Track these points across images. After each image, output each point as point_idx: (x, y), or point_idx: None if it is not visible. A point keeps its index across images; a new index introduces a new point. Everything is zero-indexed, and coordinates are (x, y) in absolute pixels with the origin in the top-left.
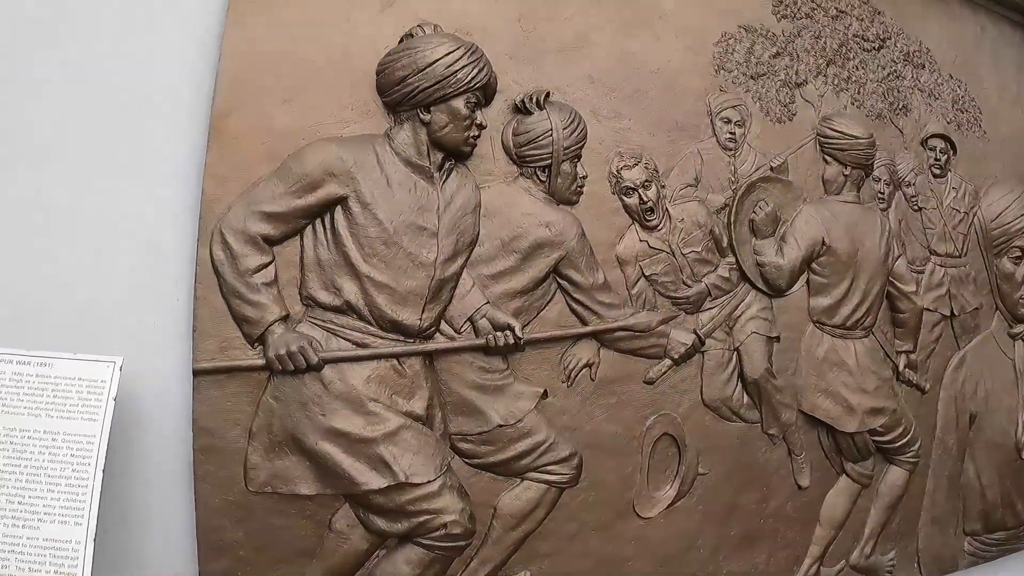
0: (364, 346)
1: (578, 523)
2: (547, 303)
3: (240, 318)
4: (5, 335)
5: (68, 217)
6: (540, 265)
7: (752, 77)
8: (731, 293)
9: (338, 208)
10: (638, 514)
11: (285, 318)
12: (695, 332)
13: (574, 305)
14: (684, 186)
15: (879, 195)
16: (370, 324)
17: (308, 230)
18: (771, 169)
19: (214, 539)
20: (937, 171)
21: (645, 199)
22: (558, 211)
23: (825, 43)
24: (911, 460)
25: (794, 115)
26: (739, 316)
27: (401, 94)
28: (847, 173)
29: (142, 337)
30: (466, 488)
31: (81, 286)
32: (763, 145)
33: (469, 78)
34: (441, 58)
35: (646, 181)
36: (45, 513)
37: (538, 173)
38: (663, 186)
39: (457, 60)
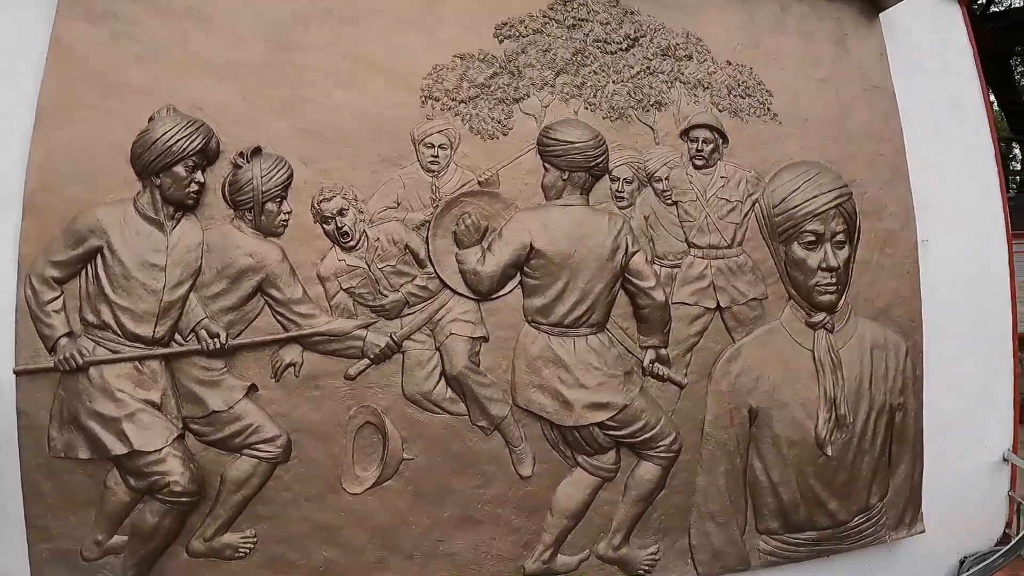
0: (116, 352)
1: (292, 493)
2: (256, 315)
3: (40, 335)
4: None
5: None
6: (246, 286)
7: (463, 101)
8: (430, 299)
9: (98, 255)
10: (346, 490)
11: (69, 334)
12: (390, 335)
13: (277, 316)
14: (383, 209)
15: (617, 194)
16: (119, 336)
17: (83, 272)
18: (478, 184)
19: (33, 489)
20: (700, 162)
21: (340, 224)
22: (262, 243)
23: (555, 55)
24: (663, 455)
25: (511, 130)
26: (440, 319)
27: (140, 166)
28: (566, 178)
29: None
30: (199, 460)
31: None
32: (473, 162)
33: (182, 148)
34: (160, 136)
35: (342, 209)
36: None
37: (246, 213)
38: (361, 212)
39: (172, 136)
